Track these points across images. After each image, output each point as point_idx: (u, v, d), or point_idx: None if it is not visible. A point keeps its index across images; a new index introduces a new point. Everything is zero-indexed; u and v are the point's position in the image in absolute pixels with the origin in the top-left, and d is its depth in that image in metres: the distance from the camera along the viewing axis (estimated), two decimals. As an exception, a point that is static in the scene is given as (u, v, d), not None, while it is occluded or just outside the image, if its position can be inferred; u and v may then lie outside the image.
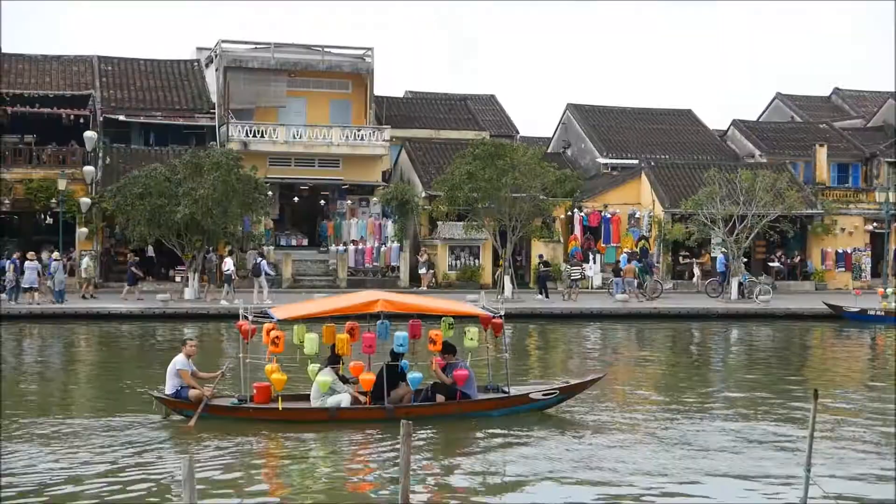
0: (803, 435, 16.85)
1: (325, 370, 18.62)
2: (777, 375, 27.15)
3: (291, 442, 17.37)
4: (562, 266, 50.17)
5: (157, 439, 17.47)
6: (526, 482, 15.18)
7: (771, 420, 19.74)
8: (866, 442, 17.75)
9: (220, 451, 16.68)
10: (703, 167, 52.87)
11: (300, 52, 54.39)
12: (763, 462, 16.23)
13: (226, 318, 38.27)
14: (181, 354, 18.83)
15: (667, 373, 27.51)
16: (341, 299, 21.09)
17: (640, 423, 19.43)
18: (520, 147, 47.01)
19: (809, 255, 53.97)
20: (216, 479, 15.00)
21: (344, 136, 51.82)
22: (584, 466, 15.88)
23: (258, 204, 43.60)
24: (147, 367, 26.18)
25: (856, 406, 21.78)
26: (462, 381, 18.84)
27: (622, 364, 29.01)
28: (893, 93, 66.42)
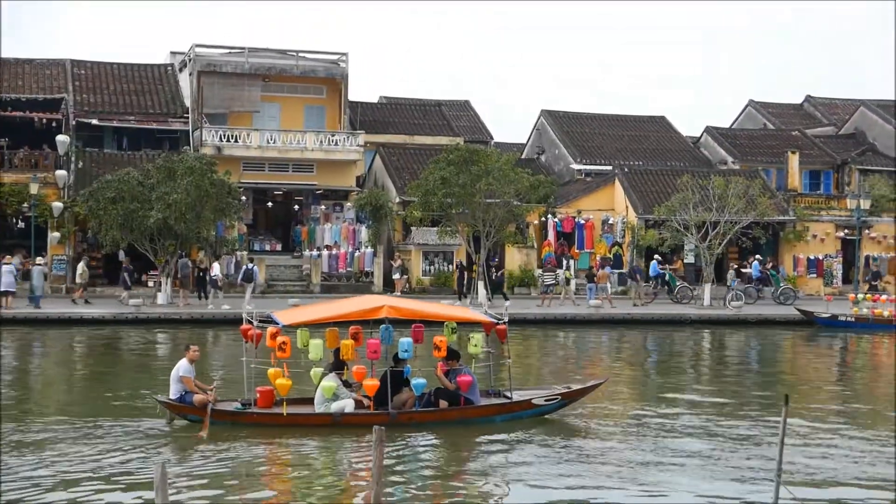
0: (774, 440, 16.94)
1: (329, 375, 18.67)
2: (748, 381, 27.27)
3: (295, 447, 17.41)
4: (536, 272, 50.34)
5: (162, 443, 17.53)
6: (525, 488, 15.27)
7: (742, 425, 19.84)
8: (836, 447, 17.86)
9: (225, 455, 16.75)
10: (676, 174, 53.08)
11: (274, 56, 54.28)
12: (733, 467, 16.31)
13: (200, 324, 38.28)
14: (184, 360, 18.88)
15: (643, 378, 27.58)
16: (346, 305, 21.15)
17: (613, 431, 19.47)
18: (494, 153, 47.07)
19: (781, 261, 54.23)
20: (219, 483, 15.10)
21: (318, 141, 51.73)
22: (566, 474, 15.96)
23: (231, 209, 43.49)
24: (135, 373, 26.07)
25: (826, 412, 21.91)
26: (466, 387, 18.98)
27: (599, 370, 29.07)
28: (864, 101, 66.91)
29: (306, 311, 21.69)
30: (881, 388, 26.71)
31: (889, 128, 63.85)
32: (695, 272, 50.73)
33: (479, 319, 20.08)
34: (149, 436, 18.04)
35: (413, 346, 19.10)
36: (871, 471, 16.21)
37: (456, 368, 19.15)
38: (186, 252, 44.72)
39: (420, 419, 18.73)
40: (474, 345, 19.41)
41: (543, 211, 51.76)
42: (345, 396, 18.66)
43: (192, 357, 18.95)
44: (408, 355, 18.96)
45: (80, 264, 43.20)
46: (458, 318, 20.44)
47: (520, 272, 50.61)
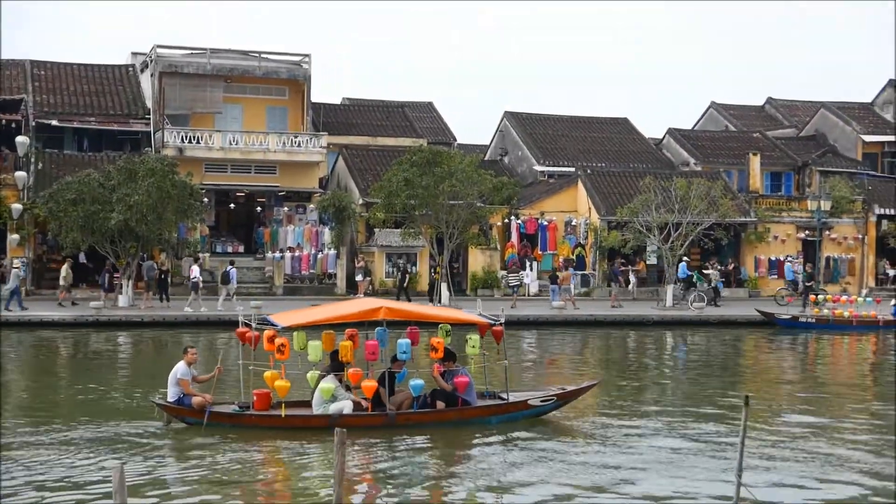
0: (734, 441, 17.02)
1: (327, 377, 18.70)
2: (710, 382, 27.38)
3: (293, 448, 17.41)
4: (499, 273, 50.41)
5: (159, 446, 17.52)
6: (521, 488, 15.34)
7: (702, 426, 19.92)
8: (796, 449, 17.94)
9: (224, 457, 16.77)
10: (638, 175, 53.30)
11: (236, 57, 54.05)
12: (695, 468, 16.37)
13: (160, 326, 38.04)
14: (182, 363, 18.86)
15: (607, 380, 27.62)
16: (344, 307, 21.28)
17: (578, 433, 19.50)
18: (457, 154, 47.10)
19: (743, 262, 54.55)
20: (215, 485, 15.13)
21: (281, 142, 51.56)
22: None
23: (193, 210, 43.24)
24: (112, 375, 25.86)
25: (786, 412, 22.03)
26: (463, 388, 19.13)
27: (565, 371, 29.11)
28: (825, 103, 67.44)
29: (303, 313, 21.76)
30: (841, 387, 26.90)
31: (849, 130, 64.41)
32: (657, 273, 50.97)
33: (475, 321, 20.19)
34: (149, 438, 18.07)
35: (411, 347, 19.23)
36: (831, 469, 16.32)
37: (453, 370, 19.31)
38: (149, 254, 44.43)
39: (418, 420, 18.90)
40: (472, 346, 19.51)
41: (506, 212, 51.83)
42: (343, 398, 18.74)
43: (191, 360, 18.94)
44: (406, 357, 19.13)
45: (65, 266, 42.90)
46: (455, 319, 20.62)
47: (483, 274, 50.64)
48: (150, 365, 29.89)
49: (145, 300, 41.76)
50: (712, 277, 48.15)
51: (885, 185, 60.08)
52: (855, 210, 56.32)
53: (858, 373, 30.99)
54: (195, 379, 18.92)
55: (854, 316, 41.30)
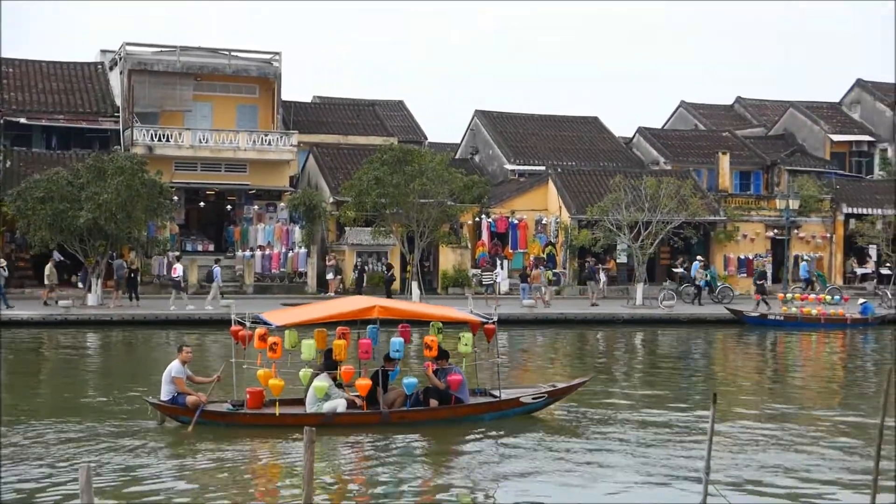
0: (703, 438, 17.11)
1: (321, 375, 18.76)
2: (679, 380, 27.50)
3: (287, 447, 17.45)
4: (470, 272, 50.45)
5: (153, 445, 17.48)
6: (514, 485, 15.47)
7: (671, 423, 20.02)
8: (764, 446, 18.05)
9: (218, 456, 16.79)
10: (608, 174, 53.43)
11: (206, 55, 53.84)
12: (663, 465, 16.44)
13: (130, 325, 37.85)
14: (176, 361, 18.87)
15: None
16: (337, 305, 21.42)
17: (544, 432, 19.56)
18: (427, 153, 47.10)
19: (712, 260, 54.78)
20: (214, 485, 15.15)
21: (251, 140, 51.41)
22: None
23: (163, 209, 43.06)
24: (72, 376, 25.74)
25: (754, 410, 22.15)
26: (456, 386, 19.28)
27: (533, 370, 29.17)
28: (794, 102, 67.86)
29: (296, 311, 21.88)
30: (809, 385, 27.09)
31: (817, 129, 64.83)
32: (627, 272, 51.13)
33: (468, 319, 20.32)
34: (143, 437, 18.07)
35: (404, 345, 19.37)
36: (799, 466, 16.42)
37: (446, 368, 19.45)
38: (118, 253, 44.20)
39: (412, 418, 19.04)
40: (465, 344, 19.66)
41: (477, 211, 51.88)
42: (337, 396, 18.80)
43: (185, 358, 18.95)
44: (399, 355, 19.27)
45: (49, 265, 42.67)
46: (448, 318, 20.74)
47: (454, 272, 50.65)
48: (124, 364, 29.85)
49: (115, 299, 41.55)
50: (697, 277, 48.21)
51: (853, 184, 60.54)
52: (823, 209, 56.69)
53: (827, 370, 31.17)
54: (191, 379, 18.92)
55: (822, 314, 41.58)
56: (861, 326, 41.36)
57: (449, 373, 19.37)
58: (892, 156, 63.69)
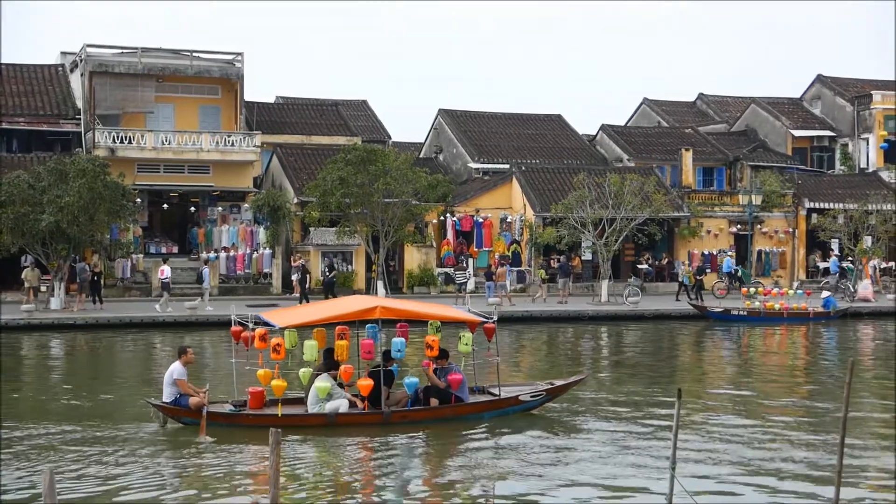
0: (668, 433, 17.20)
1: (323, 376, 18.81)
2: (644, 375, 27.60)
3: (290, 447, 17.46)
4: (436, 271, 50.47)
5: (156, 447, 17.48)
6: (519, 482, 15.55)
7: (637, 418, 20.11)
8: (730, 440, 18.15)
9: (221, 457, 16.81)
10: (572, 171, 53.58)
11: (168, 56, 53.55)
12: (629, 459, 16.51)
13: (94, 328, 37.59)
14: (178, 363, 18.85)
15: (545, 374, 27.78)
16: (339, 306, 21.50)
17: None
18: (392, 152, 47.08)
19: (677, 256, 55.04)
20: (215, 484, 15.19)
21: (214, 141, 51.19)
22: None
23: (126, 211, 42.84)
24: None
25: (719, 404, 22.29)
26: (456, 385, 19.44)
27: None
28: (755, 98, 68.29)
29: (298, 312, 22.03)
30: (773, 379, 27.26)
31: (779, 125, 65.27)
32: (592, 269, 51.29)
33: (468, 318, 20.48)
34: (145, 440, 18.07)
35: (405, 345, 19.52)
36: (765, 459, 16.53)
37: (446, 367, 19.62)
38: (81, 256, 43.92)
39: (413, 417, 19.16)
40: (465, 343, 19.82)
41: (442, 210, 51.91)
42: (339, 396, 18.87)
43: (188, 360, 18.97)
44: (401, 355, 19.44)
45: (27, 269, 42.34)
46: (449, 317, 20.98)
47: (419, 271, 50.65)
48: (93, 367, 29.63)
49: (78, 302, 41.28)
50: (681, 272, 48.29)
51: (815, 178, 61.03)
52: (785, 204, 57.11)
53: (790, 364, 31.39)
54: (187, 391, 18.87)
55: (785, 308, 41.90)
56: (823, 320, 41.72)
57: (449, 372, 19.56)
58: (852, 151, 64.19)
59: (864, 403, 22.01)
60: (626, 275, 51.30)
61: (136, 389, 24.18)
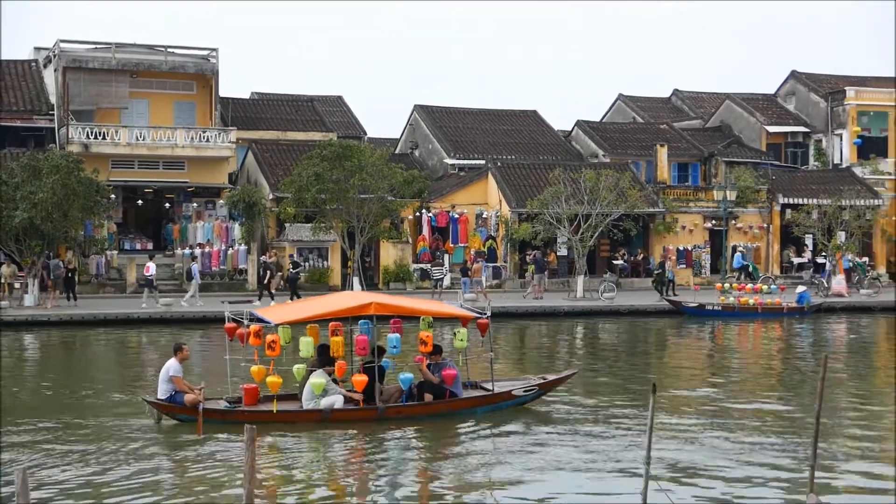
0: (643, 429, 17.25)
1: (318, 372, 18.86)
2: (619, 370, 27.68)
3: (286, 443, 17.52)
4: (411, 267, 50.49)
5: (151, 444, 17.44)
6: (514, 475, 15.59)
7: (612, 414, 20.17)
8: (704, 435, 18.21)
9: (218, 453, 16.82)
10: (548, 167, 53.67)
11: (142, 52, 53.33)
12: (604, 455, 16.54)
13: (69, 325, 37.39)
14: (174, 360, 18.83)
15: (510, 369, 27.81)
16: (333, 301, 21.54)
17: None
18: (367, 148, 47.07)
19: (652, 252, 55.19)
20: (211, 481, 15.17)
21: (189, 137, 51.03)
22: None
23: (100, 207, 42.65)
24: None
25: (694, 399, 22.36)
26: (450, 381, 19.55)
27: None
28: (730, 94, 68.52)
29: (293, 308, 22.06)
30: (748, 374, 27.36)
31: (753, 121, 65.52)
32: (567, 265, 51.40)
33: (461, 314, 20.60)
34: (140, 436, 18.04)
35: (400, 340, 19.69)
36: (739, 454, 16.59)
37: (440, 363, 19.74)
38: (55, 252, 43.70)
39: (408, 413, 19.23)
40: (460, 339, 19.98)
41: (417, 206, 51.91)
42: (334, 392, 18.91)
43: (184, 357, 18.98)
44: (396, 351, 19.55)
45: (3, 266, 42.07)
46: (442, 313, 21.14)
47: (395, 267, 50.62)
48: (69, 365, 29.50)
49: (52, 299, 41.07)
50: (667, 268, 48.39)
51: (789, 174, 61.30)
52: (760, 199, 57.34)
53: (765, 359, 31.51)
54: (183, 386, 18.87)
55: (759, 303, 42.08)
56: (797, 315, 41.95)
57: (443, 367, 19.68)
58: (826, 146, 64.50)
59: (837, 398, 22.12)
60: (601, 270, 51.40)
61: (117, 385, 24.24)
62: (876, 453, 16.90)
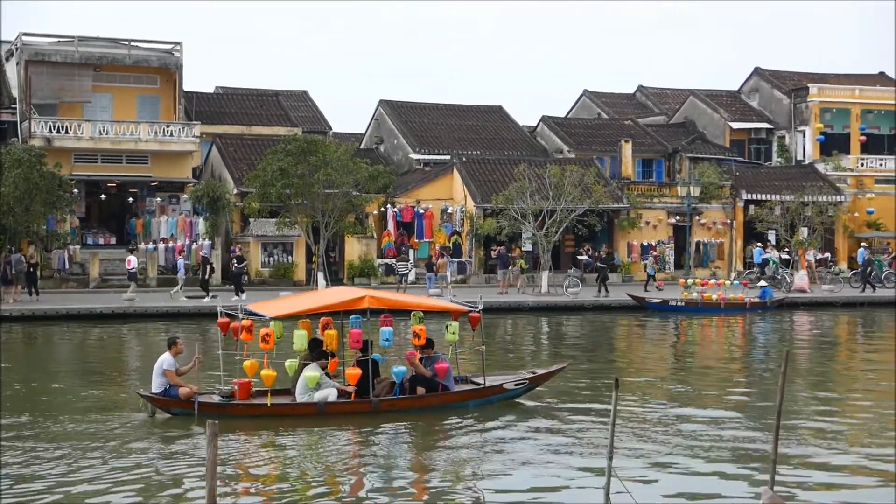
0: (605, 424, 17.32)
1: (311, 365, 18.95)
2: (582, 365, 27.75)
3: (280, 436, 17.59)
4: (376, 262, 50.46)
5: (147, 437, 17.42)
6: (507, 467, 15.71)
7: (575, 408, 20.26)
8: (666, 429, 18.30)
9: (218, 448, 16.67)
10: (513, 163, 53.76)
11: (106, 45, 53.00)
12: (567, 451, 16.60)
13: (30, 321, 37.10)
14: (167, 354, 18.91)
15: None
16: (328, 296, 21.78)
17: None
18: (332, 143, 46.96)
19: (616, 247, 55.42)
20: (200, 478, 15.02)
21: (152, 131, 50.76)
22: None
23: (62, 202, 42.41)
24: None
25: (656, 394, 22.46)
26: (443, 374, 19.71)
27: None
28: (694, 90, 68.88)
29: (287, 303, 22.23)
30: (710, 368, 27.49)
31: (717, 117, 65.88)
32: (532, 260, 51.50)
33: (451, 308, 20.91)
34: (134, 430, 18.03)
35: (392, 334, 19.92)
36: (701, 447, 16.69)
37: (432, 356, 19.89)
38: (16, 247, 43.36)
39: (401, 406, 19.39)
40: (452, 333, 20.16)
41: (383, 201, 51.86)
42: (327, 386, 19.02)
43: (178, 351, 19.08)
44: (389, 344, 19.76)
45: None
46: (434, 307, 21.61)
47: (360, 262, 50.56)
48: (35, 360, 29.28)
49: (14, 294, 40.76)
50: (648, 263, 48.31)
51: (752, 170, 61.69)
52: (723, 195, 57.67)
53: (727, 353, 31.71)
54: (178, 372, 18.97)
55: (722, 298, 42.34)
56: (759, 310, 42.23)
57: (436, 361, 19.84)
58: (789, 143, 64.96)
59: (797, 392, 22.28)
60: (566, 266, 51.52)
61: (93, 381, 24.22)
62: (836, 447, 17.02)
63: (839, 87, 64.49)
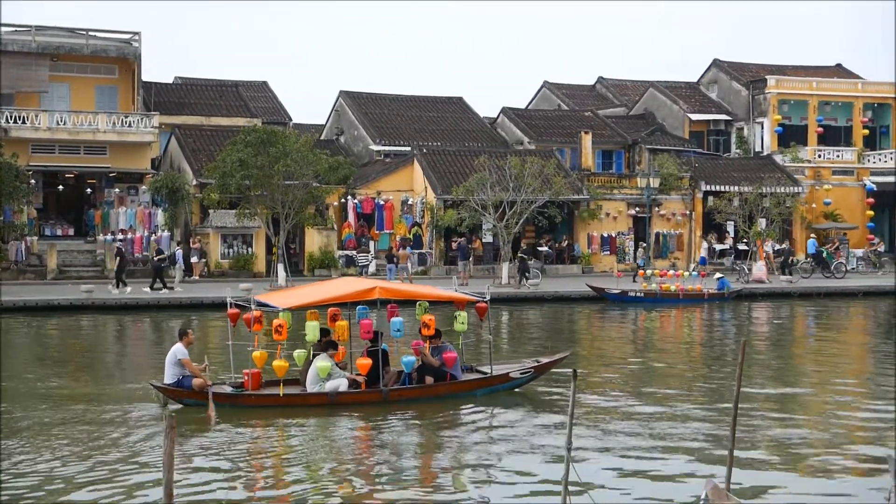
0: (563, 417, 17.40)
1: (322, 356, 19.16)
2: (531, 355, 27.81)
3: (293, 426, 17.77)
4: (337, 254, 50.39)
5: (155, 428, 17.30)
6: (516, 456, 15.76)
7: (533, 400, 20.35)
8: (625, 419, 18.40)
9: (228, 437, 16.91)
10: (473, 154, 53.81)
11: (63, 35, 52.57)
12: (526, 441, 16.66)
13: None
14: (180, 344, 18.96)
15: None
16: (339, 287, 21.87)
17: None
18: (292, 134, 46.79)
19: (576, 239, 55.62)
20: (222, 464, 15.18)
21: (111, 122, 50.42)
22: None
23: (19, 193, 42.13)
24: None
25: (616, 384, 22.58)
26: (451, 364, 20.01)
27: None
28: (653, 82, 69.17)
29: (298, 293, 22.38)
30: (669, 359, 27.64)
31: (676, 109, 66.20)
32: (493, 251, 51.62)
33: (459, 298, 21.18)
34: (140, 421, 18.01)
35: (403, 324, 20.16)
36: (659, 437, 16.80)
37: (440, 346, 20.20)
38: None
39: (410, 395, 19.63)
40: (461, 322, 20.37)
41: (343, 192, 51.78)
42: (338, 376, 19.23)
43: (189, 341, 19.21)
44: (399, 334, 20.00)
45: None
46: (444, 297, 21.78)
47: (320, 254, 50.48)
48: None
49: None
50: (639, 255, 48.48)
51: (711, 162, 62.05)
52: (682, 187, 58.00)
53: (686, 344, 31.92)
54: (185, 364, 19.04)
55: (681, 290, 42.62)
56: (718, 301, 42.53)
57: (444, 350, 20.12)
58: (748, 134, 65.40)
59: (754, 383, 22.45)
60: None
61: (66, 373, 24.16)
62: (791, 437, 17.18)
63: (797, 79, 65.04)
